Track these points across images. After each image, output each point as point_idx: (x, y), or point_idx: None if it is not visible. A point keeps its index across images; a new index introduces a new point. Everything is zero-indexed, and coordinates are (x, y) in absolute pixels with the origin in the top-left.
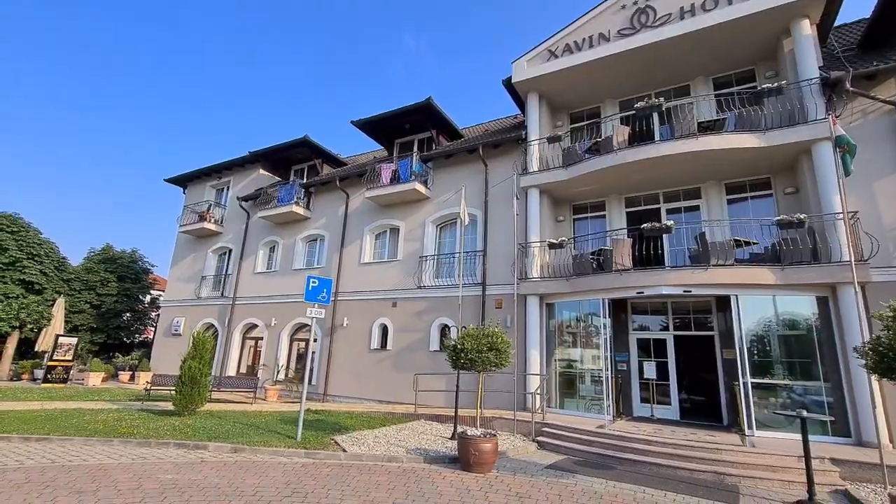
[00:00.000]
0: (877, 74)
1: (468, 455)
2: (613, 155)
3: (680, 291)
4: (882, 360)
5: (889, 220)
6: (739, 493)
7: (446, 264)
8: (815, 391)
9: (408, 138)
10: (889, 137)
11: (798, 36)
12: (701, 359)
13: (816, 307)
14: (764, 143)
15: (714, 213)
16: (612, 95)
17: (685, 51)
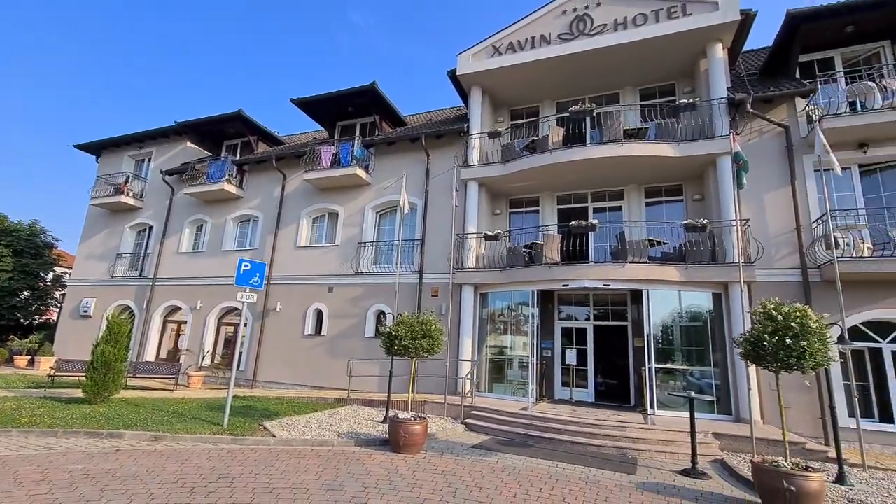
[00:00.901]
0: (773, 99)
1: (398, 437)
2: (548, 154)
3: (600, 285)
4: (753, 349)
5: (774, 229)
6: (637, 464)
7: (385, 251)
8: (707, 375)
9: (350, 121)
10: (779, 156)
11: (712, 58)
12: (616, 346)
13: (712, 302)
14: (678, 153)
15: (634, 214)
16: (551, 96)
17: (617, 61)
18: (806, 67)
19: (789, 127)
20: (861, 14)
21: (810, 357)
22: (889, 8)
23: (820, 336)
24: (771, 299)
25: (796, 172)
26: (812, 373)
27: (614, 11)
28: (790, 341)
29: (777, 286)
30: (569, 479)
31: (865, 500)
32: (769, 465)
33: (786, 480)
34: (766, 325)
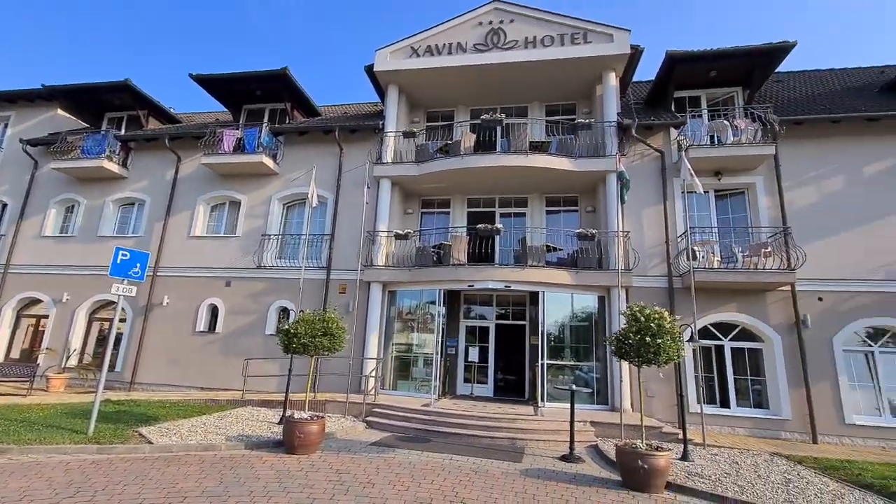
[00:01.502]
0: (652, 127)
1: (293, 438)
2: (460, 159)
3: (503, 286)
4: (620, 346)
5: (649, 240)
6: (524, 453)
7: (291, 245)
8: (590, 370)
9: (258, 106)
10: (655, 177)
11: (606, 84)
12: (515, 344)
13: (597, 304)
14: (575, 167)
15: (536, 220)
16: (465, 102)
17: (527, 76)
18: (679, 102)
19: (664, 153)
20: (721, 62)
21: (664, 353)
22: (741, 60)
23: (672, 335)
24: (638, 303)
25: (668, 193)
26: (666, 366)
27: (526, 30)
28: (649, 339)
29: (649, 291)
30: (461, 469)
31: (700, 472)
32: (629, 447)
33: (641, 460)
34: (632, 325)
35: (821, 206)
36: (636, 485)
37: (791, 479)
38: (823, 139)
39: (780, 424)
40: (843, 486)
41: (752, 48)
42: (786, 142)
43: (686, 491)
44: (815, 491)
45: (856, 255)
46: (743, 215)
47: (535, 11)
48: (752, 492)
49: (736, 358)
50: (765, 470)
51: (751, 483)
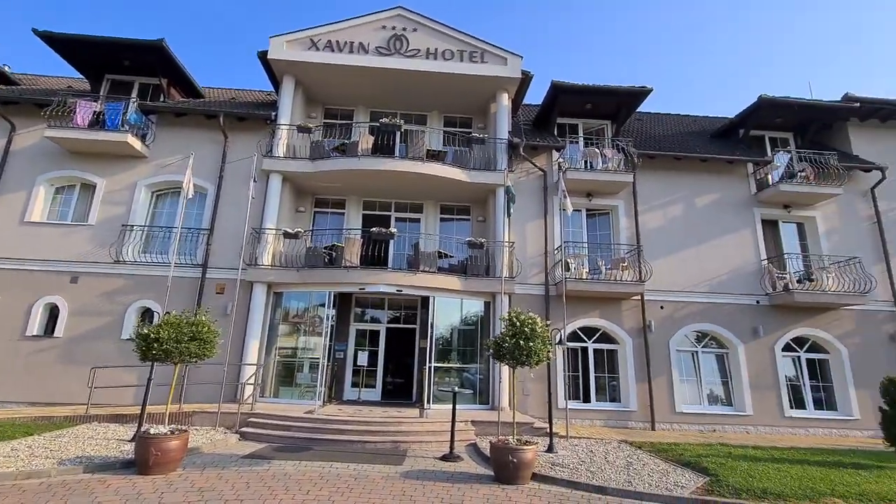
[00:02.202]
0: (538, 147)
1: (147, 456)
2: (357, 160)
3: (394, 290)
4: (498, 349)
5: (531, 251)
6: (406, 455)
7: (159, 239)
8: (475, 372)
9: (126, 77)
10: (538, 194)
11: (500, 104)
12: (405, 348)
13: (483, 309)
14: (469, 179)
15: (430, 227)
16: (366, 104)
17: (428, 86)
18: (561, 128)
19: (546, 172)
20: (596, 97)
21: (535, 355)
22: (611, 98)
23: (543, 339)
24: (516, 309)
25: (548, 209)
26: (537, 367)
27: (428, 41)
28: (523, 343)
29: (529, 298)
30: (339, 477)
31: (562, 462)
32: (502, 443)
33: (511, 454)
34: (509, 329)
35: (665, 230)
36: (507, 478)
37: (632, 462)
38: (669, 173)
39: (628, 415)
40: (670, 465)
41: (619, 89)
42: (642, 172)
43: (548, 480)
44: (648, 471)
45: (689, 271)
46: (607, 233)
47: (439, 25)
48: (601, 476)
49: (597, 358)
50: (613, 456)
51: (601, 468)
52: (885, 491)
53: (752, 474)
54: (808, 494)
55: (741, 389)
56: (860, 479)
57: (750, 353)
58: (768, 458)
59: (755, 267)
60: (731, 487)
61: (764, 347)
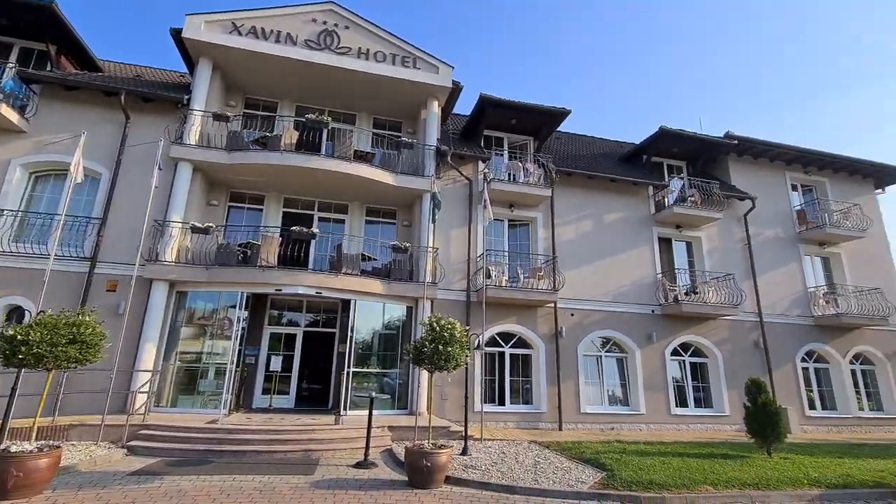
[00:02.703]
0: (465, 157)
1: (6, 477)
2: (279, 154)
3: (313, 292)
4: (417, 354)
5: (454, 258)
6: (318, 464)
7: (37, 226)
8: (395, 377)
9: (4, 39)
10: (463, 202)
11: (430, 111)
12: (324, 352)
13: (405, 313)
14: (396, 182)
15: (355, 229)
16: (291, 98)
17: (358, 85)
18: (488, 139)
19: (472, 181)
20: (520, 114)
21: (453, 359)
22: (533, 115)
23: (462, 344)
24: (436, 314)
25: (473, 217)
26: (455, 371)
27: (360, 40)
28: (441, 347)
29: (451, 303)
30: (242, 491)
31: (475, 464)
32: (416, 448)
33: (425, 458)
34: (429, 334)
35: (577, 242)
36: (420, 482)
37: (539, 461)
38: (583, 190)
39: (538, 416)
40: (573, 462)
41: (542, 108)
42: (559, 187)
43: (461, 482)
44: (553, 469)
45: (596, 282)
46: (527, 243)
47: (372, 25)
48: (510, 475)
49: (513, 362)
50: (522, 456)
51: (511, 468)
52: (745, 477)
53: (641, 468)
54: (686, 483)
55: (636, 390)
56: (727, 467)
57: (645, 357)
58: (656, 453)
59: (652, 280)
60: (623, 481)
61: (656, 352)
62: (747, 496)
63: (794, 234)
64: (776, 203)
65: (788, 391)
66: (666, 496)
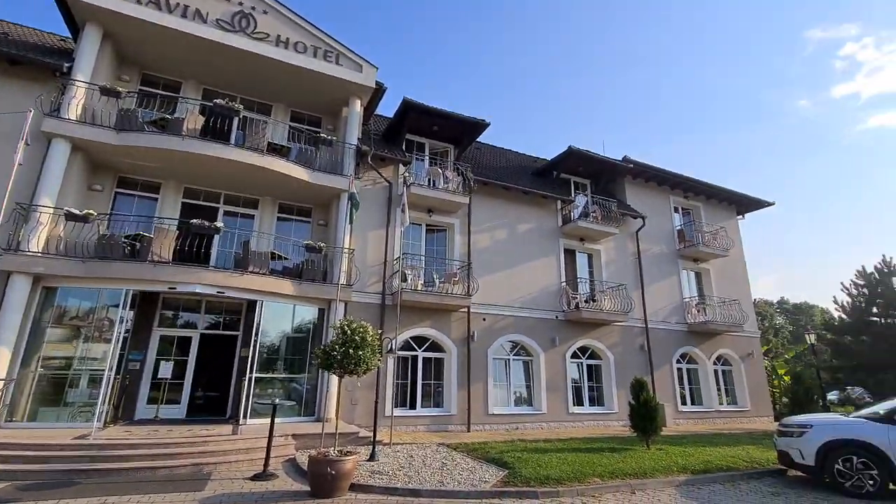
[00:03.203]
0: (386, 159)
1: None
2: (180, 139)
3: (214, 291)
4: (326, 358)
5: (370, 260)
6: (210, 478)
7: None
8: (303, 382)
9: None
10: (382, 204)
11: (352, 109)
12: (224, 357)
13: (317, 316)
14: (312, 179)
15: (265, 225)
16: (199, 79)
17: (275, 75)
18: (410, 144)
19: (392, 184)
20: (442, 121)
21: (364, 363)
22: (455, 124)
23: (373, 347)
24: (348, 317)
25: (391, 220)
26: (365, 376)
27: (279, 28)
28: (352, 351)
29: (366, 306)
30: None
31: (381, 469)
32: (320, 456)
33: (329, 466)
34: (339, 337)
35: (491, 250)
36: (323, 491)
37: (446, 462)
38: (499, 200)
39: (448, 419)
40: (478, 462)
41: (461, 117)
42: (476, 196)
43: (366, 489)
44: (459, 470)
45: (506, 288)
46: (443, 248)
47: (293, 14)
48: (417, 479)
49: (426, 366)
50: (430, 459)
51: (418, 472)
52: (627, 468)
53: (539, 464)
54: (577, 476)
55: (539, 391)
56: (613, 460)
57: (548, 360)
58: (554, 449)
59: (557, 288)
60: (523, 477)
61: (558, 355)
62: (628, 484)
63: (675, 250)
64: (662, 223)
65: (666, 389)
66: (560, 489)
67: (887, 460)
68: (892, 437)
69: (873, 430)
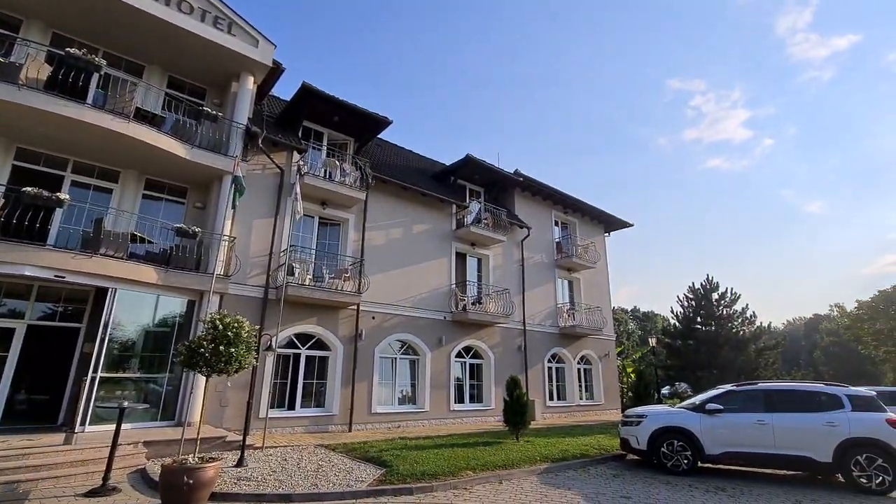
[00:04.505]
0: (278, 144)
1: None
2: (15, 89)
3: (51, 275)
4: (191, 355)
5: (254, 250)
6: (27, 499)
7: None
8: (163, 382)
9: None
10: (272, 192)
11: (243, 86)
12: (59, 354)
13: (185, 308)
14: (190, 157)
15: (126, 203)
16: (48, 20)
17: (150, 31)
18: (307, 131)
19: (284, 171)
20: (342, 112)
21: (235, 361)
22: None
23: (248, 344)
24: (220, 311)
25: (280, 209)
26: (236, 375)
27: None
28: (223, 348)
29: (246, 300)
30: None
31: (250, 475)
32: (176, 464)
33: (186, 475)
34: (209, 333)
35: (385, 248)
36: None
37: (323, 464)
38: (396, 199)
39: (330, 419)
40: (356, 462)
41: (362, 111)
42: (374, 193)
43: (229, 497)
44: (336, 471)
45: (398, 288)
46: (336, 243)
47: None
48: (289, 483)
49: (309, 365)
50: (306, 461)
51: (291, 476)
52: (497, 460)
53: (417, 461)
54: (451, 470)
55: (424, 389)
56: (486, 453)
57: (434, 359)
58: (432, 446)
59: (447, 289)
60: (400, 475)
61: (444, 355)
62: (497, 475)
63: (553, 260)
64: (544, 234)
65: (537, 386)
66: (434, 484)
67: (698, 443)
68: (703, 424)
69: (689, 418)
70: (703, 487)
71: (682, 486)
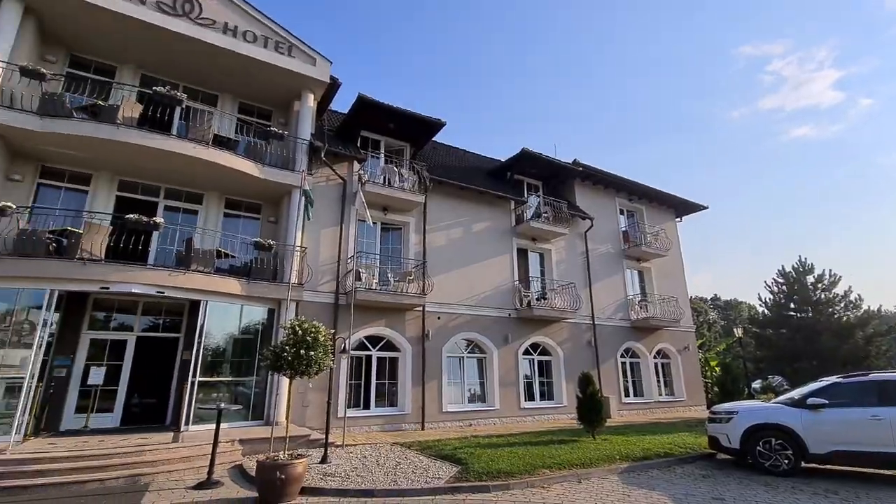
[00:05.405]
0: (340, 155)
1: None
2: (113, 128)
3: (153, 291)
4: (276, 359)
5: (323, 258)
6: (148, 490)
7: None
8: (251, 385)
9: None
10: (336, 201)
11: (304, 103)
12: (163, 361)
13: (266, 316)
14: (262, 175)
15: (210, 222)
16: (137, 64)
17: (223, 64)
18: (365, 141)
19: (346, 181)
20: (398, 119)
21: (315, 364)
22: (411, 123)
23: (325, 347)
24: (299, 317)
25: (345, 218)
26: (317, 377)
27: (227, 15)
28: (303, 352)
29: (319, 306)
30: None
31: (334, 472)
32: (269, 461)
33: (279, 471)
34: (290, 338)
35: (446, 249)
36: (272, 497)
37: (400, 461)
38: (454, 199)
39: (403, 418)
40: (431, 460)
41: (417, 115)
42: (432, 195)
43: (318, 492)
44: (413, 468)
45: (461, 287)
46: (398, 247)
47: (242, 2)
48: (370, 479)
49: (380, 365)
50: (384, 459)
51: (371, 472)
52: (573, 458)
53: (492, 459)
54: (527, 469)
55: (493, 387)
56: (561, 452)
57: (501, 357)
58: (505, 444)
59: (510, 286)
60: (476, 472)
61: (511, 352)
62: (574, 474)
63: (620, 250)
64: (608, 224)
65: (611, 382)
66: (510, 482)
67: (800, 441)
68: (805, 420)
69: (789, 414)
70: (809, 490)
71: (783, 489)
